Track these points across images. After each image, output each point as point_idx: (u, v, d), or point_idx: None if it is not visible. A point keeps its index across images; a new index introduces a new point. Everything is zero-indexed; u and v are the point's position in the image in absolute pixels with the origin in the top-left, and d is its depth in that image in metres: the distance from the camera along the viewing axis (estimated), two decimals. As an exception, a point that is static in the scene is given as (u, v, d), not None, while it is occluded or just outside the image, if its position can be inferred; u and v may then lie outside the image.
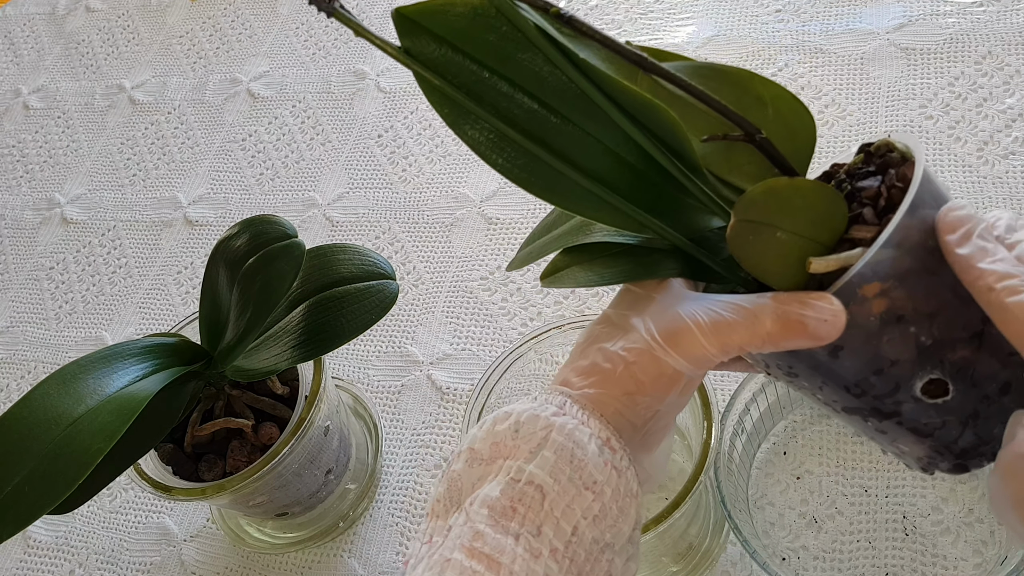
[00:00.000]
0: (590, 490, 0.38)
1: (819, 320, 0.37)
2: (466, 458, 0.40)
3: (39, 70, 1.17)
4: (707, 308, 0.40)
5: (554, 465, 0.38)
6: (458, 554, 0.36)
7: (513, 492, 0.37)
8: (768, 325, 0.38)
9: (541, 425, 0.39)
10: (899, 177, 0.40)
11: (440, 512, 0.40)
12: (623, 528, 0.39)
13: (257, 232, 0.61)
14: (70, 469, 0.51)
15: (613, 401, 0.41)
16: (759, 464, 0.65)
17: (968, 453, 0.42)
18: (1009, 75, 0.79)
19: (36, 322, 0.94)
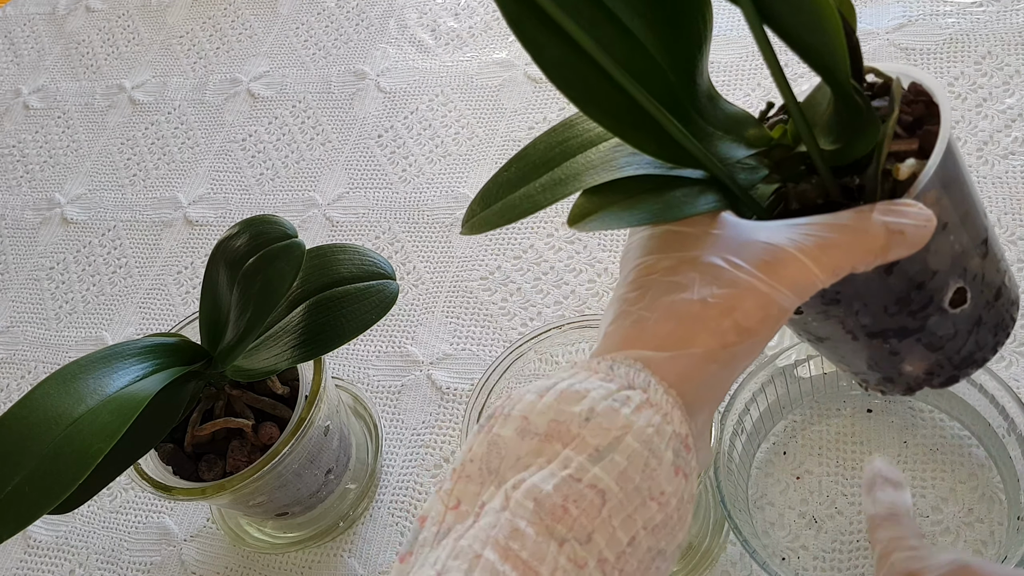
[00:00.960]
0: (656, 501, 0.34)
1: (916, 227, 0.36)
2: (517, 427, 0.35)
3: (39, 70, 1.17)
4: (804, 232, 0.36)
5: (623, 472, 0.33)
6: (490, 552, 0.32)
7: (569, 490, 0.33)
8: (881, 238, 0.36)
9: (619, 424, 0.34)
10: (911, 89, 0.41)
11: (472, 474, 0.35)
12: (678, 535, 0.36)
13: (257, 232, 0.61)
14: (70, 469, 0.51)
15: (706, 363, 0.36)
16: (759, 464, 0.65)
17: (965, 362, 0.44)
18: (1009, 75, 0.79)
19: (36, 322, 0.94)
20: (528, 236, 0.83)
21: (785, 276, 0.35)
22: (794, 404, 0.66)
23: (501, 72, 0.96)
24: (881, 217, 0.36)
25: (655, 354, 0.36)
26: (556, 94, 0.92)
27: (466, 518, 0.34)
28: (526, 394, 0.36)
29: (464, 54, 0.99)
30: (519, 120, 0.92)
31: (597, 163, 0.41)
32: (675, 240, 0.38)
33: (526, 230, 0.84)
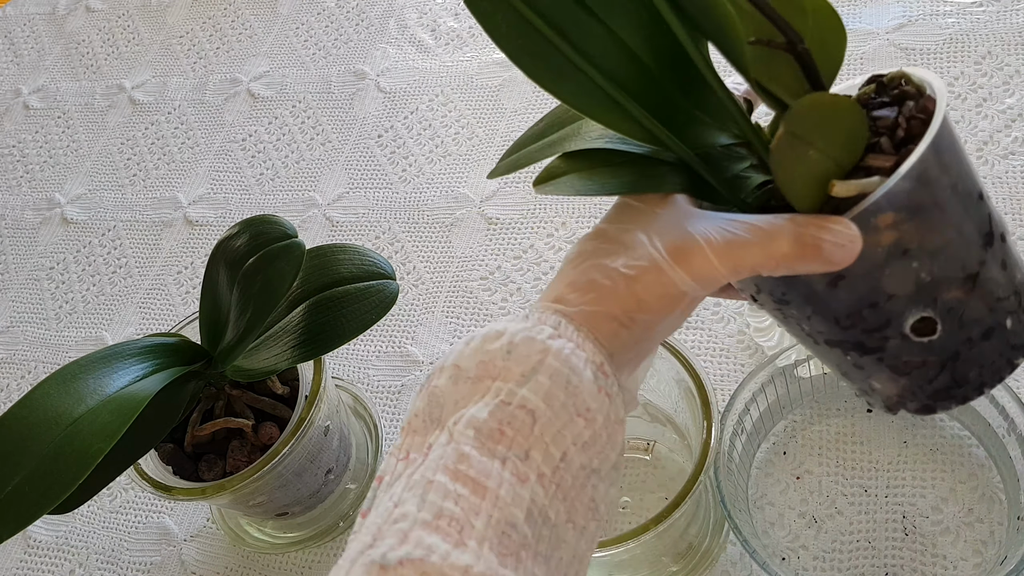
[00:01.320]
0: (582, 417, 0.37)
1: (836, 245, 0.37)
2: (451, 374, 0.38)
3: (39, 70, 1.17)
4: (719, 227, 0.38)
5: (548, 390, 0.36)
6: (441, 476, 0.35)
7: (502, 415, 0.36)
8: (784, 247, 0.37)
9: (537, 348, 0.37)
10: (919, 109, 0.39)
11: (418, 428, 0.38)
12: (610, 455, 0.38)
13: (257, 232, 0.61)
14: (70, 469, 0.51)
15: (610, 321, 0.39)
16: (759, 464, 0.65)
17: (939, 395, 0.42)
18: (1009, 75, 0.79)
19: (36, 322, 0.94)
20: (528, 236, 0.83)
21: (688, 264, 0.38)
22: (794, 404, 0.66)
23: (501, 72, 0.96)
24: (796, 227, 0.37)
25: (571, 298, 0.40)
26: (556, 94, 0.92)
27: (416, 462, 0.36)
28: (456, 346, 0.39)
29: (464, 54, 0.99)
30: (519, 120, 0.92)
31: (586, 132, 0.43)
32: (627, 212, 0.41)
33: (526, 230, 0.84)
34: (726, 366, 0.71)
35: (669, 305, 0.39)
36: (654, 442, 0.67)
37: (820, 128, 0.37)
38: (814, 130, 0.37)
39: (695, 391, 0.57)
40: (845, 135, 0.38)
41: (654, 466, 0.67)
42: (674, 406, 0.63)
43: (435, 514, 0.34)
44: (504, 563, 0.34)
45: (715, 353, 0.72)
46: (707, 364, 0.72)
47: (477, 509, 0.34)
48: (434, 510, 0.34)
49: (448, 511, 0.34)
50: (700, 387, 0.57)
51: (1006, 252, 0.41)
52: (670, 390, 0.61)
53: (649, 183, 0.42)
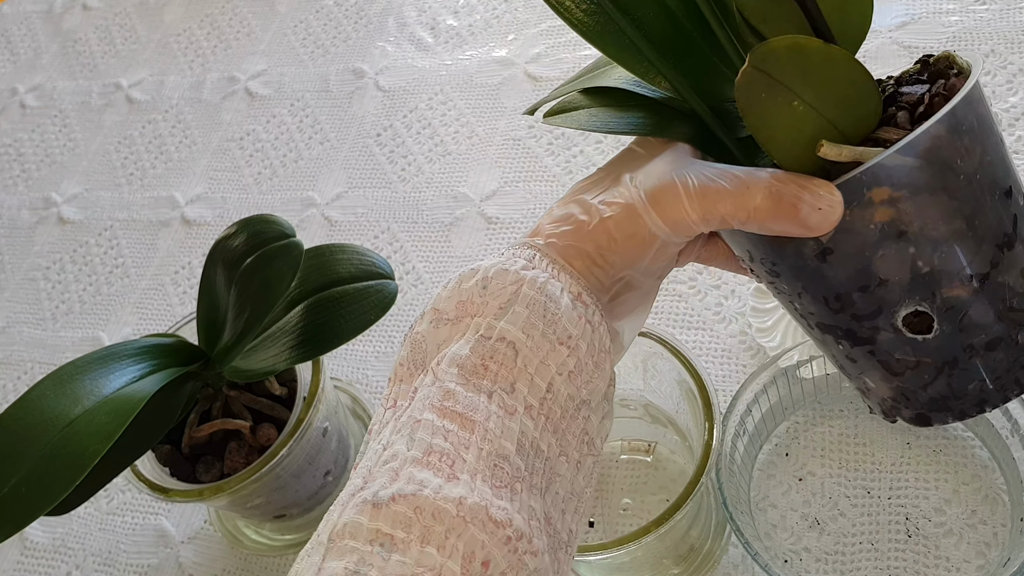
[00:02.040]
0: (564, 345, 0.36)
1: (813, 207, 0.35)
2: (431, 319, 0.38)
3: (36, 68, 1.16)
4: (700, 172, 0.37)
5: (526, 320, 0.36)
6: (428, 414, 0.34)
7: (484, 349, 0.36)
8: (758, 199, 0.36)
9: (511, 280, 0.37)
10: (947, 87, 0.37)
11: (404, 376, 0.38)
12: (598, 384, 0.38)
13: (255, 232, 0.61)
14: (67, 470, 0.50)
15: (582, 256, 0.38)
16: (761, 466, 0.65)
17: (935, 404, 0.39)
18: (1012, 74, 0.78)
19: (33, 322, 0.93)
20: (528, 236, 0.83)
21: (662, 205, 0.37)
22: (796, 405, 0.65)
23: (501, 70, 0.95)
24: (775, 182, 0.36)
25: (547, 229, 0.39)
26: (556, 93, 0.91)
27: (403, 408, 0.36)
28: (437, 292, 0.39)
29: (464, 52, 0.99)
30: (519, 118, 0.91)
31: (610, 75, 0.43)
32: (628, 156, 0.41)
33: (526, 229, 0.83)
34: (728, 367, 0.71)
35: (640, 247, 0.38)
36: (655, 443, 0.66)
37: (807, 78, 0.35)
38: (798, 78, 0.35)
39: (697, 392, 0.57)
40: (840, 93, 0.36)
41: (655, 467, 0.66)
42: (675, 407, 0.63)
43: (425, 451, 0.34)
44: (499, 494, 0.33)
45: (717, 354, 0.72)
46: (709, 365, 0.71)
47: (467, 443, 0.34)
48: (423, 447, 0.34)
49: (438, 447, 0.34)
50: (702, 388, 0.56)
51: None
52: (671, 391, 0.61)
53: (655, 128, 0.41)
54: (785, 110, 0.35)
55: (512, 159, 0.89)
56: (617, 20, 0.39)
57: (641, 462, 0.67)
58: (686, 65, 0.40)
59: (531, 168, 0.87)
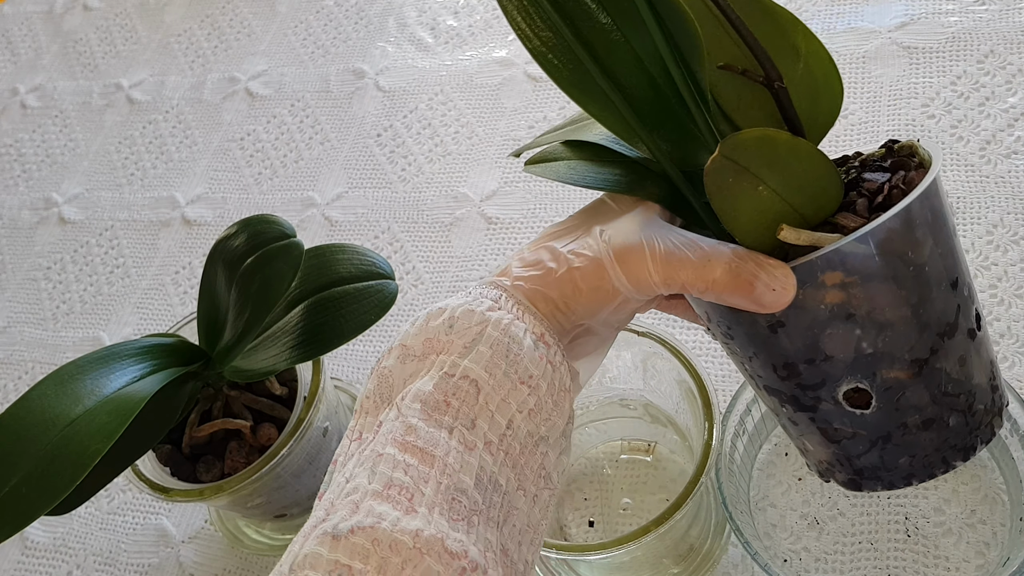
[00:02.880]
0: (525, 384, 0.38)
1: (767, 287, 0.37)
2: (398, 354, 0.39)
3: (36, 69, 1.17)
4: (667, 237, 0.39)
5: (489, 360, 0.38)
6: (391, 448, 0.36)
7: (447, 386, 0.37)
8: (717, 272, 0.37)
9: (476, 320, 0.38)
10: (906, 180, 0.39)
11: (370, 408, 0.39)
12: (557, 422, 0.39)
13: (255, 232, 0.61)
14: (68, 470, 0.51)
15: (547, 302, 0.40)
16: (760, 465, 0.65)
17: (866, 473, 0.42)
18: (1012, 74, 0.78)
19: (33, 322, 0.93)
20: (528, 236, 0.83)
21: (627, 264, 0.39)
22: (796, 405, 0.65)
23: (501, 71, 0.95)
24: (734, 258, 0.38)
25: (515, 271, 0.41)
26: (556, 92, 0.91)
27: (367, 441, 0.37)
28: (403, 328, 0.40)
29: (464, 53, 0.99)
30: (519, 119, 0.91)
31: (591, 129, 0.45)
32: (600, 209, 0.43)
33: (526, 230, 0.83)
34: (728, 367, 0.71)
35: (603, 299, 0.40)
36: (655, 443, 0.67)
37: (773, 165, 0.37)
38: (765, 166, 0.37)
39: (696, 392, 0.57)
40: (803, 181, 0.38)
41: (655, 467, 0.66)
42: (675, 407, 0.63)
43: (385, 484, 0.35)
44: (455, 527, 0.34)
45: (717, 353, 0.72)
46: (708, 364, 0.71)
47: (426, 477, 0.35)
48: (384, 480, 0.35)
49: (398, 480, 0.35)
50: (701, 388, 0.57)
51: (971, 349, 0.40)
52: (671, 391, 0.61)
53: (630, 186, 0.42)
54: (750, 194, 0.37)
55: (512, 159, 0.89)
56: (601, 83, 0.40)
57: (641, 462, 0.67)
58: (663, 130, 0.41)
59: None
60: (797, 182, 0.37)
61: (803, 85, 0.39)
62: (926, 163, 0.40)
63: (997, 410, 0.42)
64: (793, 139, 0.37)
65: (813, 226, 0.39)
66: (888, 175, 0.39)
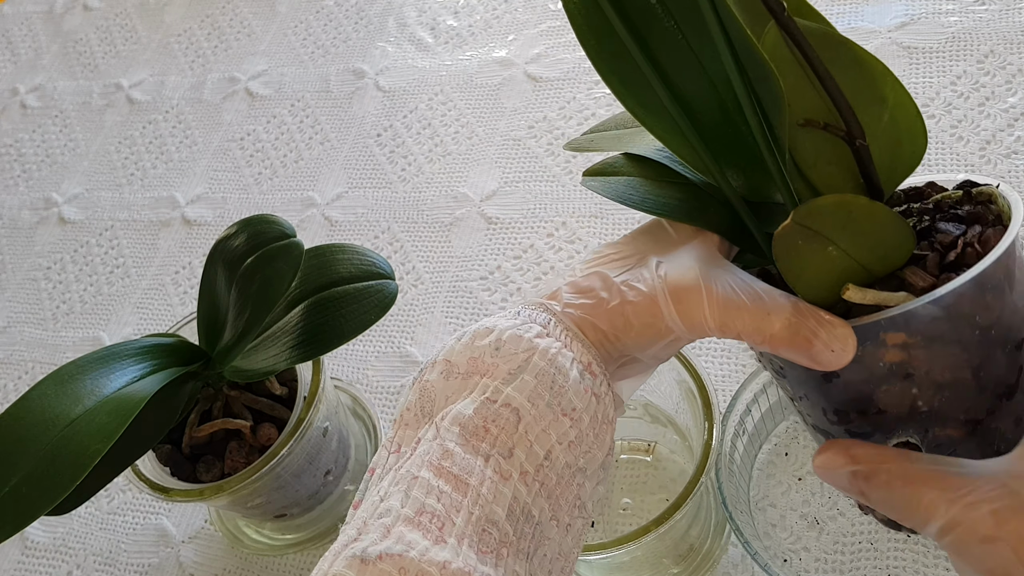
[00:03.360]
0: (568, 416, 0.37)
1: (826, 346, 0.36)
2: (442, 369, 0.39)
3: (36, 69, 1.17)
4: (725, 280, 0.38)
5: (533, 389, 0.37)
6: (426, 472, 0.35)
7: (487, 412, 0.37)
8: (776, 327, 0.36)
9: (523, 347, 0.38)
10: (981, 239, 0.37)
11: (410, 421, 0.39)
12: (597, 454, 0.39)
13: (255, 232, 0.61)
14: (68, 470, 0.51)
15: (597, 331, 0.39)
16: (760, 465, 0.65)
17: None
18: (1012, 74, 0.78)
19: (33, 322, 0.93)
20: (528, 236, 0.83)
21: (682, 304, 0.38)
22: (796, 405, 0.65)
23: (501, 71, 0.95)
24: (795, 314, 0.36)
25: (567, 297, 0.40)
26: (556, 92, 0.91)
27: (405, 456, 0.37)
28: (448, 341, 0.40)
29: (464, 52, 0.99)
30: (519, 119, 0.91)
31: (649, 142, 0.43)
32: (657, 234, 0.42)
33: (526, 230, 0.83)
34: (727, 366, 0.71)
35: (654, 336, 0.39)
36: (655, 443, 0.67)
37: (846, 228, 0.35)
38: (838, 229, 0.35)
39: (696, 392, 0.57)
40: (876, 242, 0.36)
41: (655, 467, 0.66)
42: (675, 407, 0.63)
43: (417, 510, 0.34)
44: (484, 560, 0.34)
45: (716, 353, 0.72)
46: (708, 364, 0.71)
47: (458, 506, 0.35)
48: (416, 506, 0.35)
49: (430, 507, 0.34)
50: (701, 388, 0.57)
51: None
52: (671, 391, 0.61)
53: (691, 214, 0.41)
54: (819, 254, 0.36)
55: (512, 159, 0.89)
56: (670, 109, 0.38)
57: (641, 462, 0.67)
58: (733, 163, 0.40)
59: (531, 168, 0.87)
60: (869, 243, 0.36)
61: (886, 136, 0.37)
62: (1005, 216, 0.38)
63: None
64: (871, 204, 0.35)
65: (882, 279, 0.38)
66: (963, 227, 0.38)
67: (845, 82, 0.35)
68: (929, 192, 0.41)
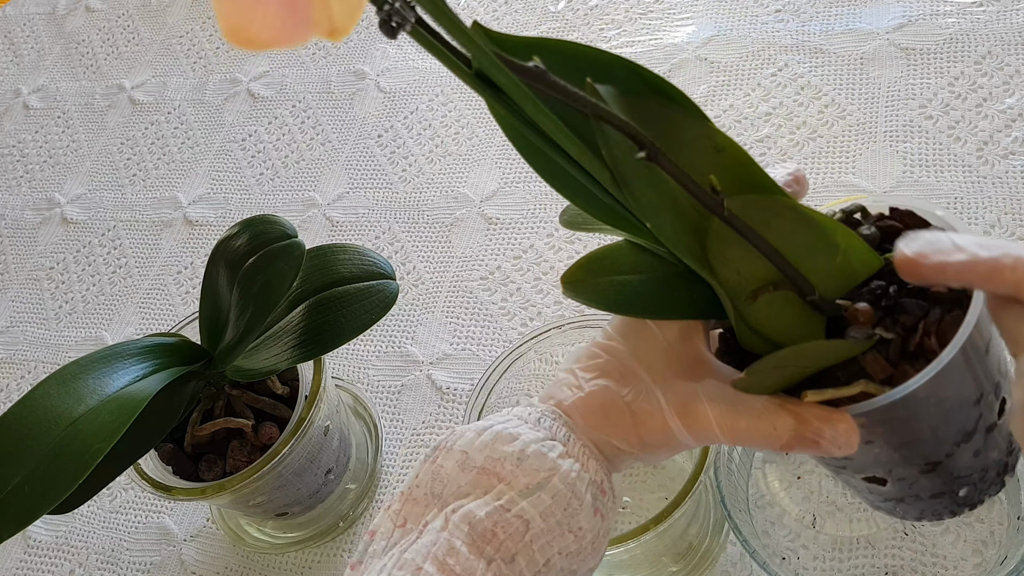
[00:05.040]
0: (573, 533, 0.40)
1: (833, 445, 0.38)
2: (458, 460, 0.41)
3: (39, 70, 1.17)
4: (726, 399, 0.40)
5: (547, 508, 0.39)
6: (430, 566, 0.37)
7: (499, 518, 0.38)
8: (784, 438, 0.39)
9: (546, 466, 0.40)
10: (939, 331, 0.37)
11: (419, 499, 0.40)
12: (591, 561, 0.41)
13: (257, 232, 0.61)
14: (70, 469, 0.51)
15: (612, 447, 0.42)
16: (759, 463, 0.65)
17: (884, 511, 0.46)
18: (1009, 75, 0.79)
19: (36, 322, 0.94)
20: (528, 236, 0.83)
21: (692, 425, 0.40)
22: (794, 404, 0.66)
23: (501, 72, 0.96)
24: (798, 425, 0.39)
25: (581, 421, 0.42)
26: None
27: (411, 534, 0.39)
28: (466, 431, 0.42)
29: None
30: (519, 120, 0.91)
31: None
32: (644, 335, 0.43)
33: (526, 230, 0.84)
34: (726, 366, 0.71)
35: (669, 451, 0.42)
36: (654, 442, 0.67)
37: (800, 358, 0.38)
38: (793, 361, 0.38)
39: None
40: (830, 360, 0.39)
41: (654, 466, 0.67)
42: (674, 406, 0.63)
43: None
44: None
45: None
46: (707, 364, 0.71)
47: None
48: None
49: None
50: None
51: (987, 441, 0.41)
52: (670, 390, 0.61)
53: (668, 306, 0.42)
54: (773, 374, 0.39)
55: (512, 159, 0.89)
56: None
57: (640, 461, 0.67)
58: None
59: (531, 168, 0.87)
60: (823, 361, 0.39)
61: (840, 272, 0.40)
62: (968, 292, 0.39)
63: (1011, 467, 0.44)
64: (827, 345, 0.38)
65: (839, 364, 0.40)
66: (926, 307, 0.38)
67: (799, 240, 0.38)
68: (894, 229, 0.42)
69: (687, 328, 0.43)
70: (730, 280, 0.39)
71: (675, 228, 0.38)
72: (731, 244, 0.38)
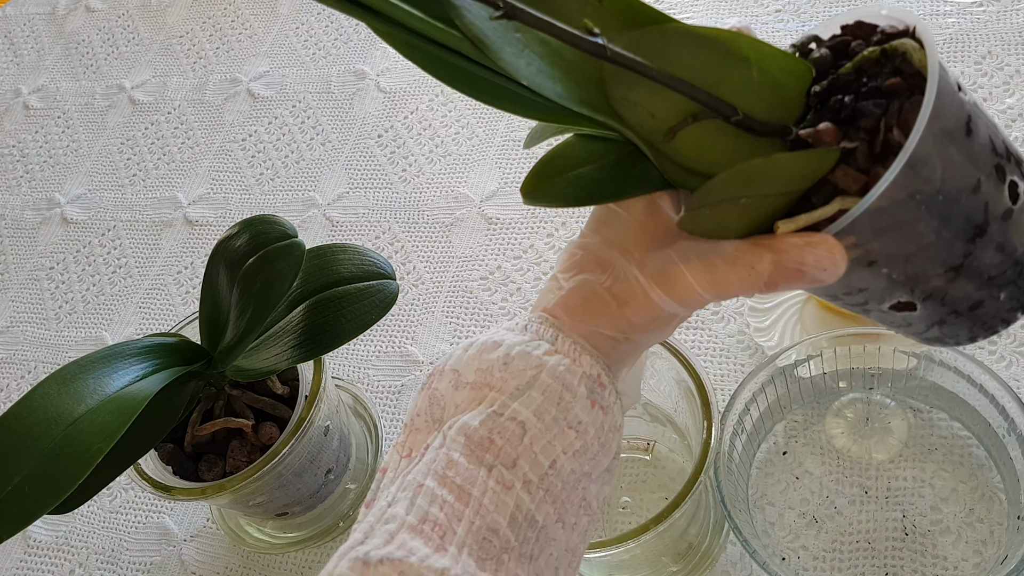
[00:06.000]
0: (573, 429, 0.39)
1: (818, 269, 0.37)
2: (451, 379, 0.40)
3: (39, 70, 1.17)
4: (701, 255, 0.39)
5: (540, 405, 0.38)
6: (431, 481, 0.37)
7: (493, 424, 0.38)
8: (765, 276, 0.37)
9: (532, 363, 0.39)
10: (901, 122, 0.36)
11: (421, 427, 0.40)
12: (603, 460, 0.40)
13: (257, 232, 0.61)
14: (70, 469, 0.51)
15: (605, 338, 0.40)
16: (759, 464, 0.65)
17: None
18: (1009, 75, 0.79)
19: (36, 322, 0.94)
20: (528, 236, 0.83)
21: (674, 291, 0.39)
22: (794, 404, 0.66)
23: (501, 72, 0.96)
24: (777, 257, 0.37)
25: (566, 317, 0.41)
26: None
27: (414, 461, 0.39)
28: (455, 351, 0.41)
29: (464, 54, 0.99)
30: (519, 120, 0.91)
31: None
32: (610, 222, 0.42)
33: (526, 230, 0.84)
34: (726, 366, 0.71)
35: (661, 324, 0.40)
36: (654, 442, 0.67)
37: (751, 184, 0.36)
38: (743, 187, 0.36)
39: (695, 391, 0.57)
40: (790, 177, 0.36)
41: (654, 466, 0.67)
42: (674, 406, 0.63)
43: (420, 518, 0.36)
44: (483, 567, 0.36)
45: (715, 353, 0.72)
46: (707, 364, 0.72)
47: (460, 515, 0.36)
48: (420, 514, 0.36)
49: (433, 516, 0.36)
50: (700, 387, 0.57)
51: (1008, 231, 0.38)
52: (670, 390, 0.61)
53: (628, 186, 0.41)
54: (732, 211, 0.37)
55: (512, 159, 0.89)
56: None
57: (640, 460, 0.67)
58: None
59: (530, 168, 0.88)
60: (784, 180, 0.36)
61: (762, 87, 0.37)
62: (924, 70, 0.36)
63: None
64: (768, 162, 0.36)
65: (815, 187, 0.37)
66: (884, 105, 0.36)
67: (702, 62, 0.36)
68: (855, 49, 0.39)
69: (651, 201, 0.41)
70: (646, 124, 0.37)
71: (565, 85, 0.37)
72: (634, 87, 0.36)
